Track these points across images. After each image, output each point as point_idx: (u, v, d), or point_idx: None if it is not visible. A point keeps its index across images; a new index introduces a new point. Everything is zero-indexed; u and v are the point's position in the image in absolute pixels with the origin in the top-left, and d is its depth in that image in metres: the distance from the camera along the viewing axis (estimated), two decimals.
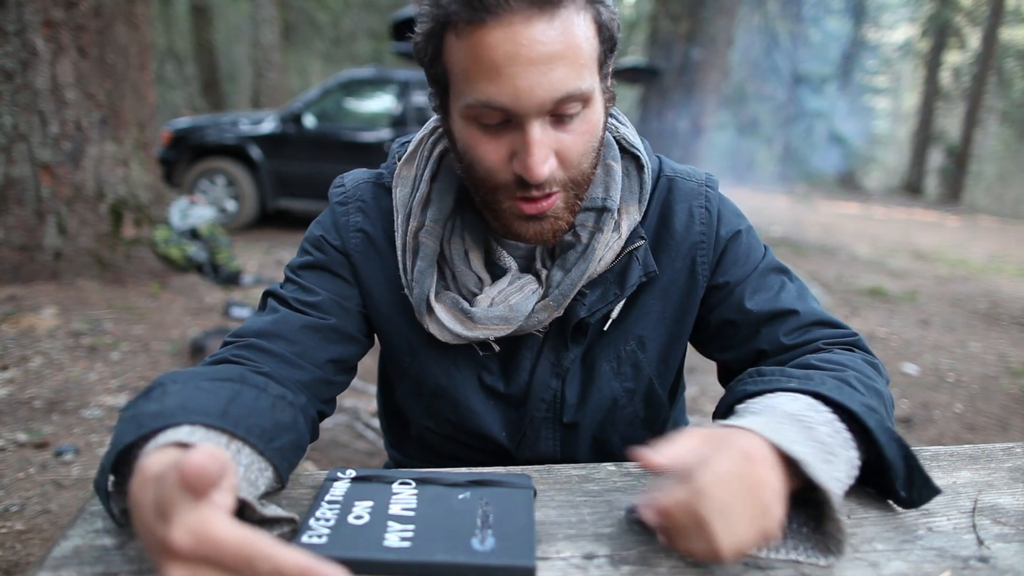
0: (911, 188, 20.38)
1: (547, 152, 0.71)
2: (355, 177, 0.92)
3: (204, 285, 4.55)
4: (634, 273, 0.84)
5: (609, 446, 0.93)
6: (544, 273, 0.83)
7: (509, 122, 0.71)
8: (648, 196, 0.86)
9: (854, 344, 0.85)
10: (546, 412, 0.89)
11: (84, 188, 4.13)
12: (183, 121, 7.51)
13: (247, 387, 0.69)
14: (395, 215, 0.86)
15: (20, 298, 3.72)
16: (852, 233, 10.44)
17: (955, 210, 15.79)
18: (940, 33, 19.42)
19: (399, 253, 0.85)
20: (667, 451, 0.58)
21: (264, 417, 0.67)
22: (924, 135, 20.37)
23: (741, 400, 0.75)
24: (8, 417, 2.58)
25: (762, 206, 12.86)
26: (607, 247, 0.82)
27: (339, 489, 0.68)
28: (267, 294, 0.88)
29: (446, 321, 0.82)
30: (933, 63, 20.34)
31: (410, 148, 0.88)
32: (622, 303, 0.86)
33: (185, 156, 6.92)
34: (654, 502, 0.57)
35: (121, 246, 4.32)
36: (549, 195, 0.74)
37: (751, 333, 0.87)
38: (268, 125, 7.00)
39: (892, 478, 0.66)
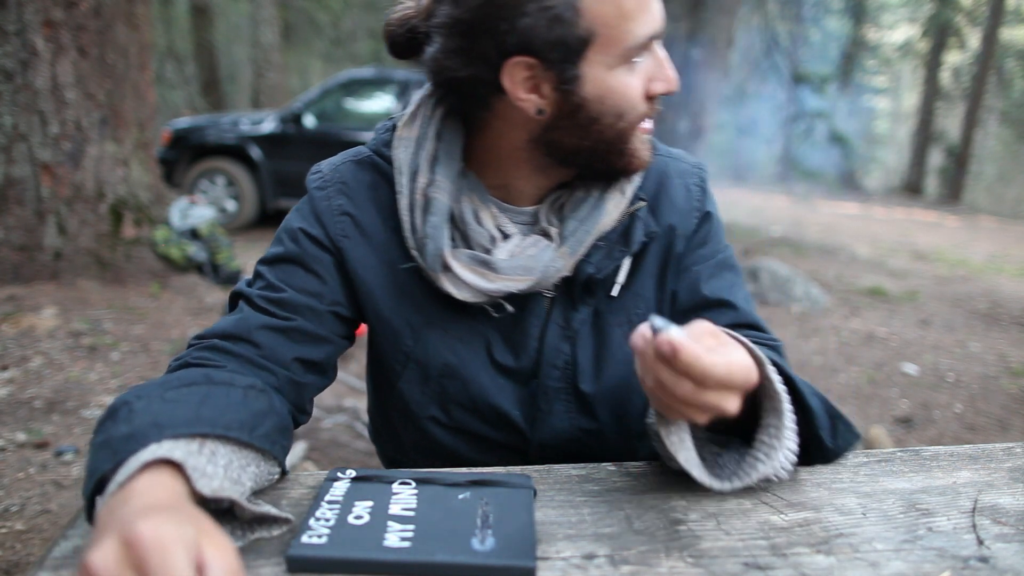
0: (911, 188, 20.35)
1: None
2: (332, 161, 0.90)
3: (204, 285, 4.55)
4: (638, 231, 0.86)
5: (627, 420, 0.91)
6: (554, 230, 0.84)
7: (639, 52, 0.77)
8: None
9: (777, 351, 0.87)
10: (559, 380, 0.88)
11: (84, 188, 4.13)
12: (183, 121, 7.52)
13: (214, 386, 0.68)
14: (398, 177, 0.83)
15: (20, 298, 3.72)
16: (852, 233, 10.43)
17: (955, 210, 15.77)
18: (940, 33, 19.38)
19: (405, 214, 0.82)
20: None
21: (239, 410, 0.67)
22: (924, 135, 20.34)
23: None
24: (8, 417, 2.58)
25: (762, 206, 12.86)
26: (615, 205, 0.85)
27: (339, 489, 0.68)
28: (235, 294, 0.85)
29: (465, 276, 0.80)
30: (933, 63, 20.31)
31: (408, 112, 0.86)
32: (628, 265, 0.88)
33: (185, 156, 6.92)
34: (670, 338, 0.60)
35: (121, 246, 4.32)
36: None
37: (692, 315, 0.88)
38: (268, 125, 7.00)
39: (817, 428, 0.73)
